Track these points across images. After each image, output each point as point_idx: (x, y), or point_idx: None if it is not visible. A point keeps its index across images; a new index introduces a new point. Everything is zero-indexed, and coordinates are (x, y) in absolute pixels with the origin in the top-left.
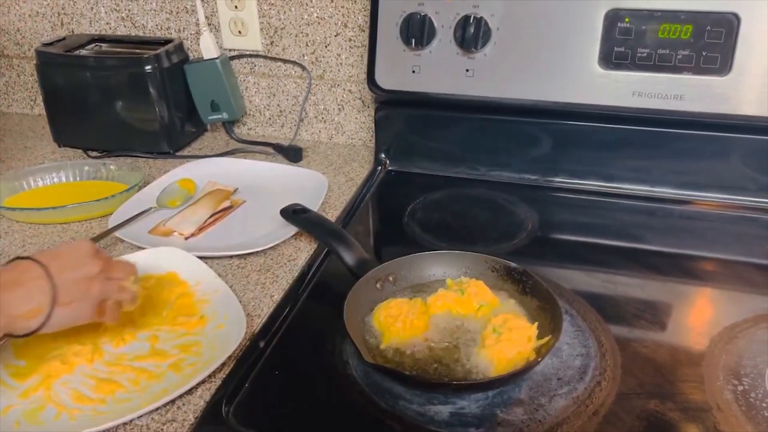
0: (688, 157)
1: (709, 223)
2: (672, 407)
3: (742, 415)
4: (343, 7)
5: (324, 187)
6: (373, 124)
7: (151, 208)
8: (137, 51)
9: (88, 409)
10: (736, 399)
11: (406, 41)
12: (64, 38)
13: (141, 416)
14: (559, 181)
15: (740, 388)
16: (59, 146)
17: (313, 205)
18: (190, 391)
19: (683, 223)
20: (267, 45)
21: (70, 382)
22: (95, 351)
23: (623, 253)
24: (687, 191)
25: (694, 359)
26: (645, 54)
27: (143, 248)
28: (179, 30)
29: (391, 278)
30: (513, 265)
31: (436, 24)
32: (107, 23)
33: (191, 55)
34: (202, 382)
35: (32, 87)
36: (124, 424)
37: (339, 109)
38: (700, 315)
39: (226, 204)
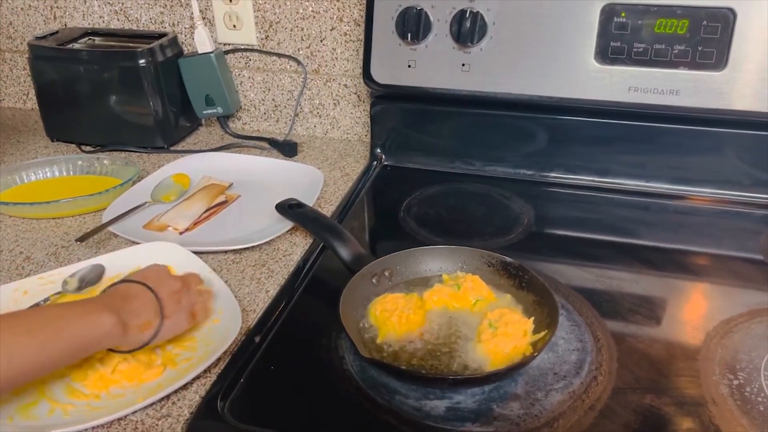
0: (683, 152)
1: (704, 218)
2: (668, 402)
3: (738, 410)
4: (338, 1)
5: (319, 182)
6: (368, 119)
7: (146, 202)
8: (131, 45)
9: (82, 404)
10: (731, 393)
11: (402, 35)
12: (57, 32)
13: (135, 412)
14: (555, 176)
15: (736, 382)
16: (52, 141)
17: (309, 200)
18: (185, 387)
19: (678, 218)
20: (262, 39)
21: (64, 376)
22: None
23: (618, 248)
24: (682, 186)
25: (690, 354)
26: (641, 49)
27: (137, 243)
28: (173, 24)
29: (386, 273)
30: (509, 259)
31: (431, 18)
32: (100, 17)
33: (185, 49)
34: (198, 377)
35: (25, 81)
36: (119, 419)
37: (334, 103)
38: (695, 309)
39: (221, 199)
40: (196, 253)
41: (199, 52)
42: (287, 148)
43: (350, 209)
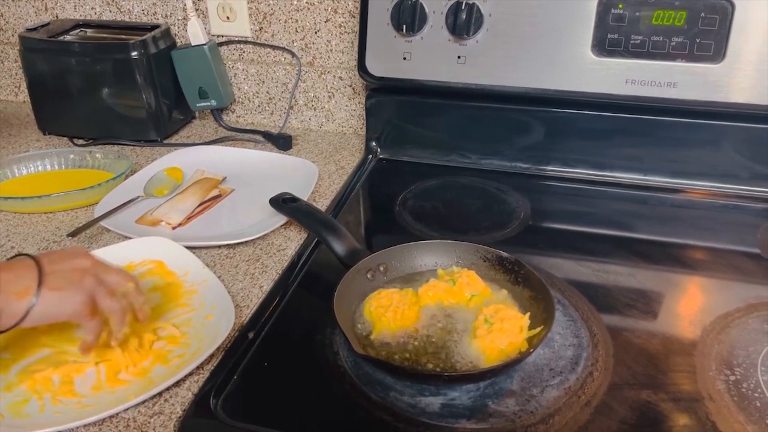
0: (680, 146)
1: (702, 211)
2: (664, 397)
3: (734, 405)
4: None
5: (314, 175)
6: (363, 112)
7: (138, 197)
8: (123, 37)
9: (73, 402)
10: (728, 389)
11: (397, 27)
12: (48, 23)
13: (127, 409)
14: (551, 169)
15: (732, 378)
16: (44, 134)
17: (303, 194)
18: (177, 384)
19: (675, 211)
20: (256, 31)
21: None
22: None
23: (615, 242)
24: (679, 180)
25: (687, 349)
26: (638, 41)
27: (130, 238)
28: (166, 15)
29: (381, 268)
30: (505, 254)
31: (427, 10)
32: (92, 8)
33: (178, 41)
34: (190, 374)
35: (16, 73)
36: (111, 417)
37: (329, 96)
38: (692, 304)
39: (215, 193)
40: (189, 248)
41: (193, 44)
42: (282, 142)
43: (345, 203)
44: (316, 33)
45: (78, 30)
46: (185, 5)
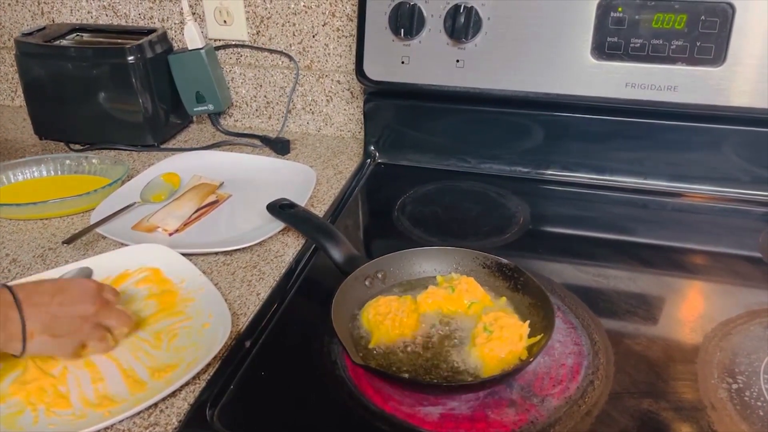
0: (680, 149)
1: (702, 215)
2: (666, 406)
3: (737, 415)
4: None
5: (312, 180)
6: (362, 116)
7: (135, 203)
8: (119, 41)
9: (67, 413)
10: (730, 398)
11: (395, 31)
12: (44, 28)
13: (122, 420)
14: (551, 173)
15: (735, 386)
16: (40, 139)
17: (301, 200)
18: (173, 394)
19: (676, 215)
20: (253, 35)
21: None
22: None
23: (615, 247)
24: (680, 183)
25: (688, 356)
26: (638, 44)
27: (126, 245)
28: (163, 19)
29: (380, 275)
30: (504, 261)
31: (425, 13)
32: (89, 12)
33: (175, 45)
34: (186, 384)
35: (12, 78)
36: (106, 428)
37: (327, 100)
38: (693, 310)
39: (212, 198)
40: (185, 254)
41: (189, 48)
42: (279, 146)
43: (343, 208)
44: (313, 37)
45: (74, 34)
46: (182, 9)
